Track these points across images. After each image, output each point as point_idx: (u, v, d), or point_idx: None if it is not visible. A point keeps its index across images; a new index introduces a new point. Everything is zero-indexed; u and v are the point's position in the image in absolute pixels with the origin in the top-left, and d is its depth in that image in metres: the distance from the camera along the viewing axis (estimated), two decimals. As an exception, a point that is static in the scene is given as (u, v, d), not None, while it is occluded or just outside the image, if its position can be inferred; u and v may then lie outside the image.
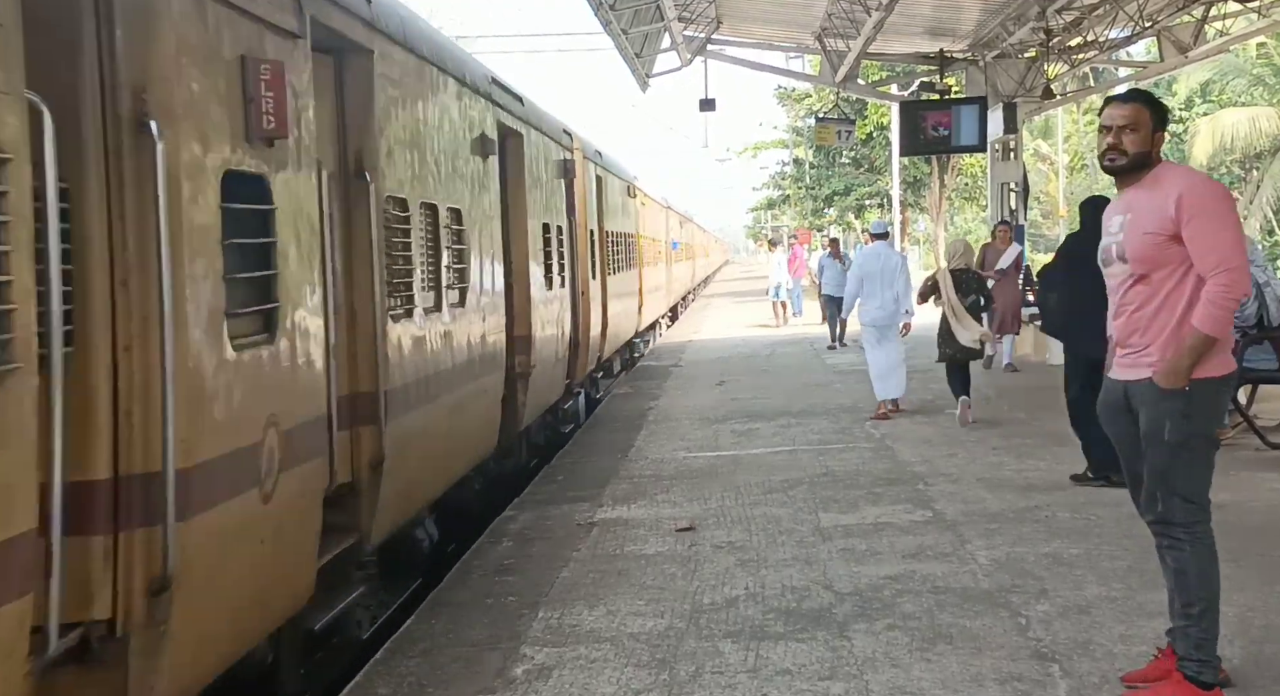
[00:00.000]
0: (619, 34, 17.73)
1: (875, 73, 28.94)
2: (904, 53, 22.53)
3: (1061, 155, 47.66)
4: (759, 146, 56.48)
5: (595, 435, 12.91)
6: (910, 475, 9.50)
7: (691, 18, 19.34)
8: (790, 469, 9.98)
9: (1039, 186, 45.81)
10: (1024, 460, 9.85)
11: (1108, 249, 4.85)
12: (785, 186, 54.28)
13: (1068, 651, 5.35)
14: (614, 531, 8.13)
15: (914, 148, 21.35)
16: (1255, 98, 36.98)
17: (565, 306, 12.89)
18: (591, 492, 9.51)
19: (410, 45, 7.06)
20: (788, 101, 46.33)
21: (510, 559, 7.63)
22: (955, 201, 43.54)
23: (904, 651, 5.44)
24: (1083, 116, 48.69)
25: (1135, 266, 4.70)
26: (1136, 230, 4.69)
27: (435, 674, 5.59)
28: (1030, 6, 17.18)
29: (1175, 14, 18.15)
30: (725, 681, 5.19)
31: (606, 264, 16.78)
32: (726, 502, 8.81)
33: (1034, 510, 8.05)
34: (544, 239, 11.41)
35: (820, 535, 7.68)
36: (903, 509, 8.30)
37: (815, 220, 51.59)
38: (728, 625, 5.96)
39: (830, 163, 46.08)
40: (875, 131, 39.90)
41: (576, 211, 13.81)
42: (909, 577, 6.61)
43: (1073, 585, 6.32)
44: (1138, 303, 4.73)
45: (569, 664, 5.53)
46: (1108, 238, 4.86)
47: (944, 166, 38.18)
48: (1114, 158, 4.75)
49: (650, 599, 6.48)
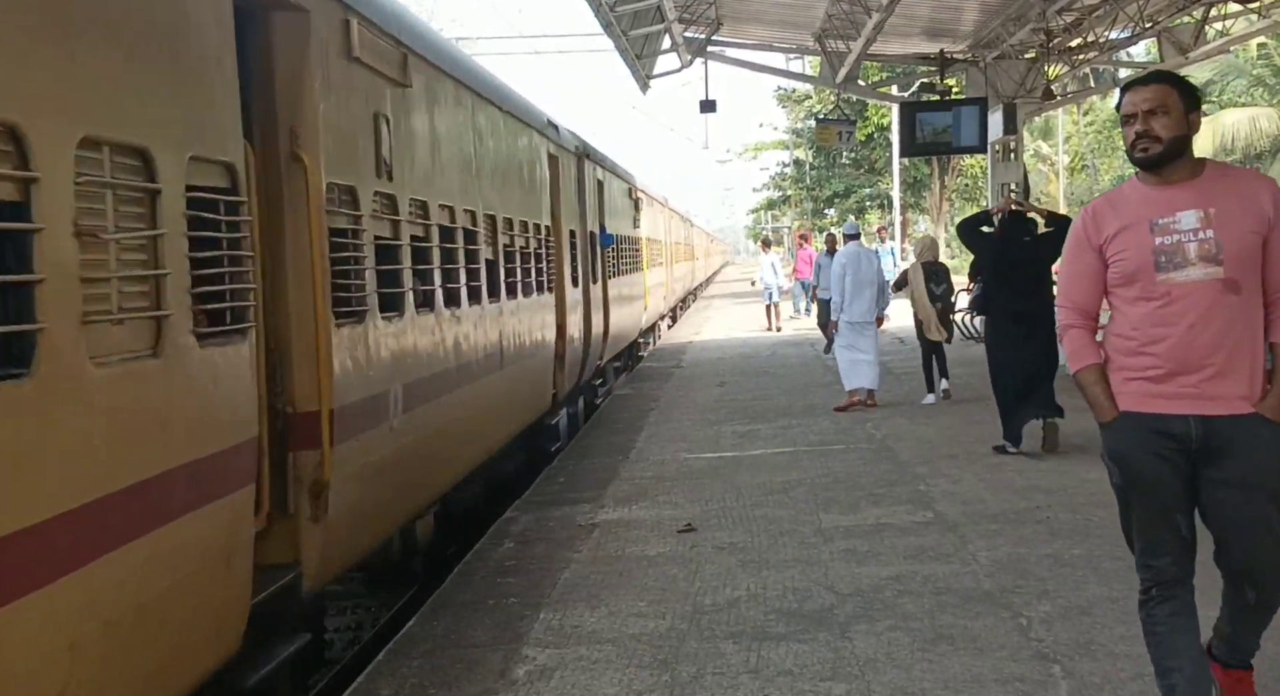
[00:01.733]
0: (620, 35, 17.74)
1: (875, 74, 28.97)
2: (904, 54, 22.54)
3: (1062, 156, 47.68)
4: (759, 147, 56.57)
5: (596, 436, 12.92)
6: (911, 476, 9.51)
7: (692, 19, 19.35)
8: (791, 470, 9.99)
9: (1039, 187, 45.81)
10: (1023, 461, 9.85)
11: (1176, 248, 3.95)
12: (785, 187, 54.32)
13: (1069, 652, 5.35)
14: (615, 532, 8.13)
15: (914, 149, 21.36)
16: (1256, 98, 36.97)
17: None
18: (593, 494, 9.51)
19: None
20: (788, 103, 46.39)
21: (512, 560, 7.64)
22: (956, 202, 43.58)
23: (905, 652, 5.45)
24: (1083, 117, 48.74)
25: (1233, 270, 3.91)
26: (1235, 227, 3.92)
27: (437, 674, 5.59)
28: (1030, 7, 17.19)
29: (1175, 15, 18.16)
30: (727, 682, 5.20)
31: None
32: (728, 503, 8.82)
33: (1035, 511, 8.05)
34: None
35: (821, 536, 7.69)
36: (904, 509, 8.31)
37: (816, 221, 51.62)
38: (729, 626, 5.96)
39: (830, 164, 46.13)
40: (876, 132, 39.95)
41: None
42: (910, 578, 6.61)
43: (1074, 586, 6.33)
44: (1226, 317, 3.91)
45: (571, 665, 5.54)
46: (1170, 236, 3.95)
47: (944, 167, 38.22)
48: (1147, 146, 3.99)
49: (652, 600, 6.48)
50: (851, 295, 13.52)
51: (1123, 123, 4.11)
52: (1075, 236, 4.21)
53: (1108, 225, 4.09)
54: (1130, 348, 4.03)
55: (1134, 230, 4.02)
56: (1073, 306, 4.22)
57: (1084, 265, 4.16)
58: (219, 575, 4.55)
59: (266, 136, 5.50)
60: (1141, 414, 3.98)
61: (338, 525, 5.77)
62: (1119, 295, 4.09)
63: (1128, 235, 4.03)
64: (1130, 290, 4.03)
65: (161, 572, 4.06)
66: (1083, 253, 4.17)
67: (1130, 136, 4.05)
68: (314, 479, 5.55)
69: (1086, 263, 4.16)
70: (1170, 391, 3.95)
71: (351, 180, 6.20)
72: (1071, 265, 4.23)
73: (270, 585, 5.17)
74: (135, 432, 3.91)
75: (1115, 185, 46.74)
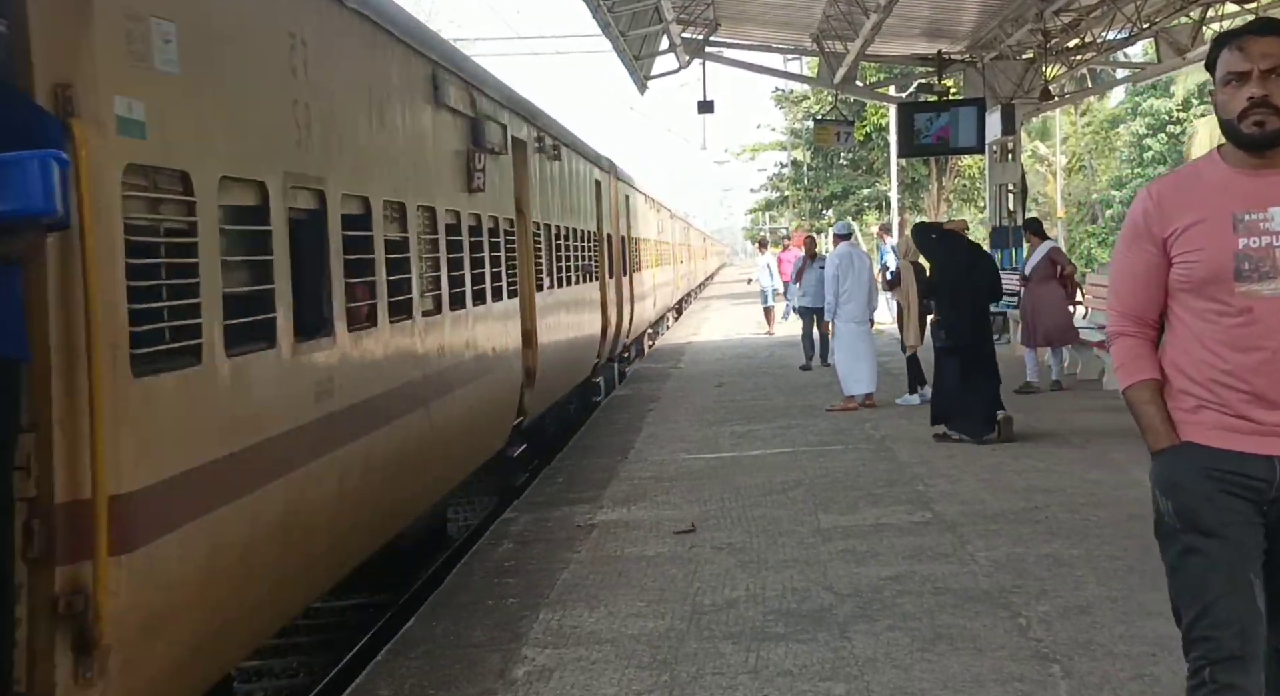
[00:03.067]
0: (618, 36, 17.77)
1: (873, 74, 28.95)
2: (902, 54, 22.55)
3: (1059, 157, 47.70)
4: (757, 148, 56.53)
5: (595, 436, 12.93)
6: (909, 476, 9.51)
7: (690, 20, 19.36)
8: (790, 470, 9.99)
9: (1036, 188, 45.81)
10: (1022, 461, 9.85)
11: (1265, 253, 3.13)
12: (783, 188, 54.31)
13: (1068, 651, 5.35)
14: (614, 533, 8.13)
15: (912, 149, 21.38)
16: (1253, 99, 36.98)
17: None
18: (591, 494, 9.51)
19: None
20: (785, 104, 46.38)
21: (510, 560, 7.63)
22: (953, 203, 43.58)
23: (905, 652, 5.45)
24: (1080, 118, 48.76)
25: None
26: None
27: (436, 675, 5.59)
28: (1028, 8, 17.21)
29: (1173, 15, 18.18)
30: (726, 682, 5.20)
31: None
32: (726, 504, 8.82)
33: (1033, 511, 8.06)
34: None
35: (820, 536, 7.69)
36: (902, 510, 8.31)
37: (814, 222, 51.63)
38: (728, 626, 5.96)
39: (828, 164, 46.11)
40: (873, 133, 39.94)
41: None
42: (909, 578, 6.61)
43: (1073, 585, 6.33)
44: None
45: (570, 665, 5.54)
46: (1259, 237, 3.14)
47: (942, 168, 38.22)
48: (1263, 119, 3.10)
49: (651, 600, 6.48)
50: (847, 296, 13.52)
51: (1222, 83, 3.18)
52: (1133, 224, 3.34)
53: (1178, 215, 3.22)
54: (1197, 373, 3.22)
55: (1212, 225, 3.17)
56: (1126, 311, 3.37)
57: (1142, 261, 3.31)
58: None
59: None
60: (1210, 448, 3.18)
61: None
62: (1184, 304, 3.26)
63: (1203, 231, 3.17)
64: (1199, 301, 3.21)
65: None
66: (1140, 245, 3.31)
67: (1239, 103, 3.13)
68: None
69: (1145, 259, 3.30)
70: (1249, 427, 3.15)
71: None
72: (1125, 260, 3.37)
73: None
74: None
75: (1114, 186, 46.51)
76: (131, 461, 3.88)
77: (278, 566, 5.17)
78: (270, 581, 5.13)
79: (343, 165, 6.05)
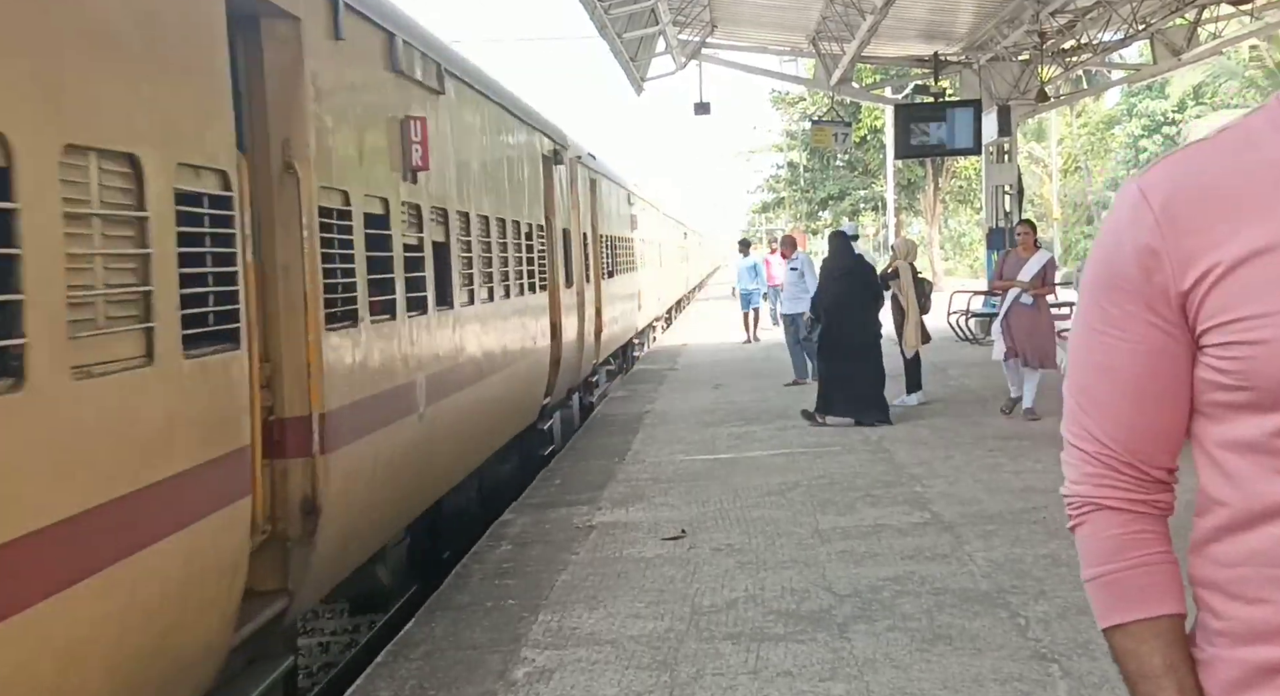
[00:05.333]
0: (614, 38, 17.77)
1: (869, 76, 28.98)
2: (898, 56, 22.56)
3: (1055, 158, 47.76)
4: (754, 150, 56.53)
5: (592, 438, 12.93)
6: (907, 477, 9.52)
7: (686, 21, 19.37)
8: (788, 471, 10.00)
9: (1032, 189, 45.88)
10: (1020, 461, 9.87)
11: None
12: (780, 190, 54.33)
13: (1067, 651, 5.37)
14: (613, 534, 8.14)
15: (909, 151, 21.40)
16: (1248, 100, 37.09)
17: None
18: (590, 495, 9.52)
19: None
20: (781, 105, 46.41)
21: (509, 562, 7.64)
22: (949, 204, 43.62)
23: (904, 652, 5.46)
24: (1076, 119, 48.82)
25: None
26: None
27: (436, 676, 5.60)
28: (1024, 10, 17.23)
29: (1168, 17, 18.20)
30: (726, 683, 5.21)
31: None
32: (725, 505, 8.83)
33: (1031, 511, 8.07)
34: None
35: (819, 537, 7.70)
36: (901, 510, 8.32)
37: (810, 223, 51.66)
38: (728, 627, 5.97)
39: (824, 166, 46.15)
40: (869, 134, 39.98)
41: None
42: (908, 579, 6.63)
43: (1071, 585, 6.33)
44: None
45: (570, 666, 5.54)
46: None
47: (938, 169, 38.23)
48: None
49: (650, 601, 6.49)
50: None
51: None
52: (1109, 259, 1.56)
53: (1210, 237, 1.47)
54: (1256, 579, 1.49)
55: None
56: (1104, 450, 1.61)
57: (1132, 342, 1.55)
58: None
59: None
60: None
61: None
62: (1224, 434, 1.52)
63: (1272, 269, 1.43)
64: (1267, 421, 1.45)
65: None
66: (1127, 306, 1.54)
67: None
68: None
69: (1139, 336, 1.55)
70: None
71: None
72: (1097, 339, 1.59)
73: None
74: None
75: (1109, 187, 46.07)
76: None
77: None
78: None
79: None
